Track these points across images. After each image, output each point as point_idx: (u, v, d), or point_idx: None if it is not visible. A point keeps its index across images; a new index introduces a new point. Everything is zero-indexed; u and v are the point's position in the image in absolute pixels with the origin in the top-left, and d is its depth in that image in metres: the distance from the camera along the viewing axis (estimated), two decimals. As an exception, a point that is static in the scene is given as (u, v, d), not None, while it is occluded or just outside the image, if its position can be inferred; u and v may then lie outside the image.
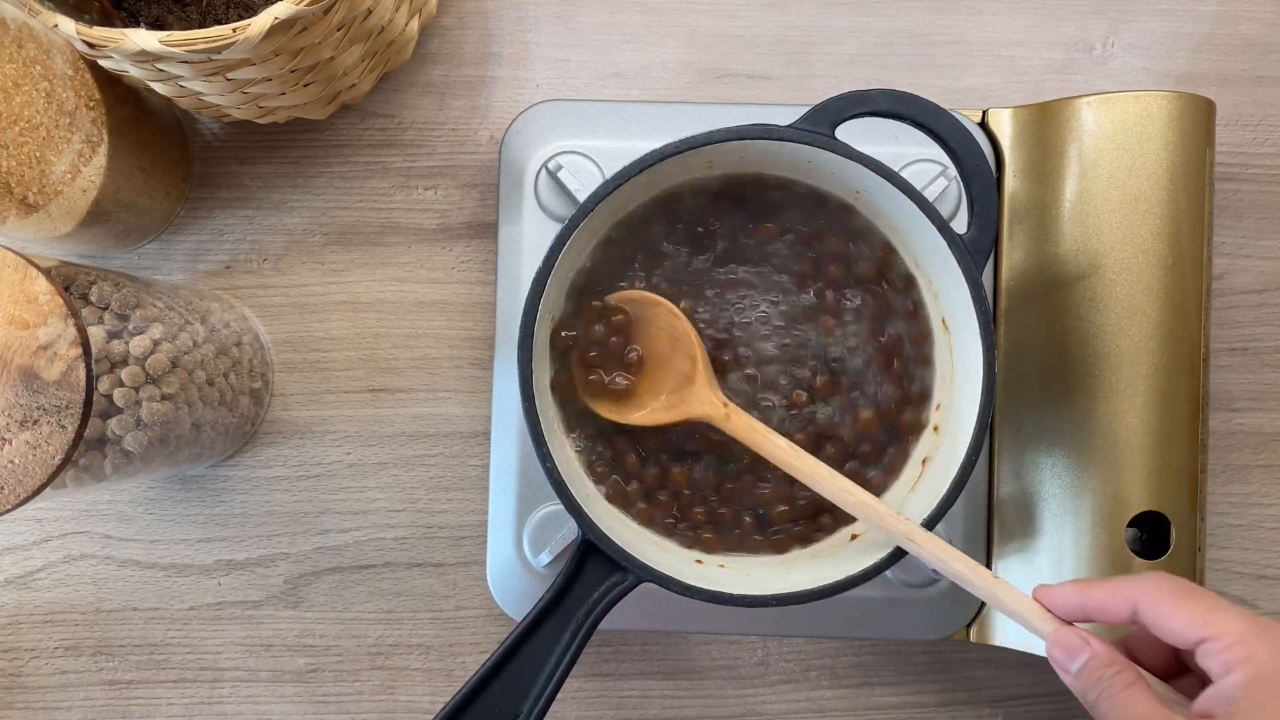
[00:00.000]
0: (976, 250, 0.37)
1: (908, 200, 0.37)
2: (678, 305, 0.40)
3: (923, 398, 0.40)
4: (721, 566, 0.39)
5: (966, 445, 0.36)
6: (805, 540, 0.40)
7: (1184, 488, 0.41)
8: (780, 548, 0.40)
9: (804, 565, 0.39)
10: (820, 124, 0.37)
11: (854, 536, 0.39)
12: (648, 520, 0.40)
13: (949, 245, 0.37)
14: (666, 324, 0.39)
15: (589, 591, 0.36)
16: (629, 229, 0.40)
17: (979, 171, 0.37)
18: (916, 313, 0.40)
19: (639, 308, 0.40)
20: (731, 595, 0.36)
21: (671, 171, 0.38)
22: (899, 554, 0.36)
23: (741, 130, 0.37)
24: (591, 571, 0.37)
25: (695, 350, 0.39)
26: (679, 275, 0.40)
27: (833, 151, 0.37)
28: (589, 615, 0.36)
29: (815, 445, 0.40)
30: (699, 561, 0.39)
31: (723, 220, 0.40)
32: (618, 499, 0.40)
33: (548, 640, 0.36)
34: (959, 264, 0.37)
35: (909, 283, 0.40)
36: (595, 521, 0.36)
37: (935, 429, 0.40)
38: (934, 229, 0.37)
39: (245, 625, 0.49)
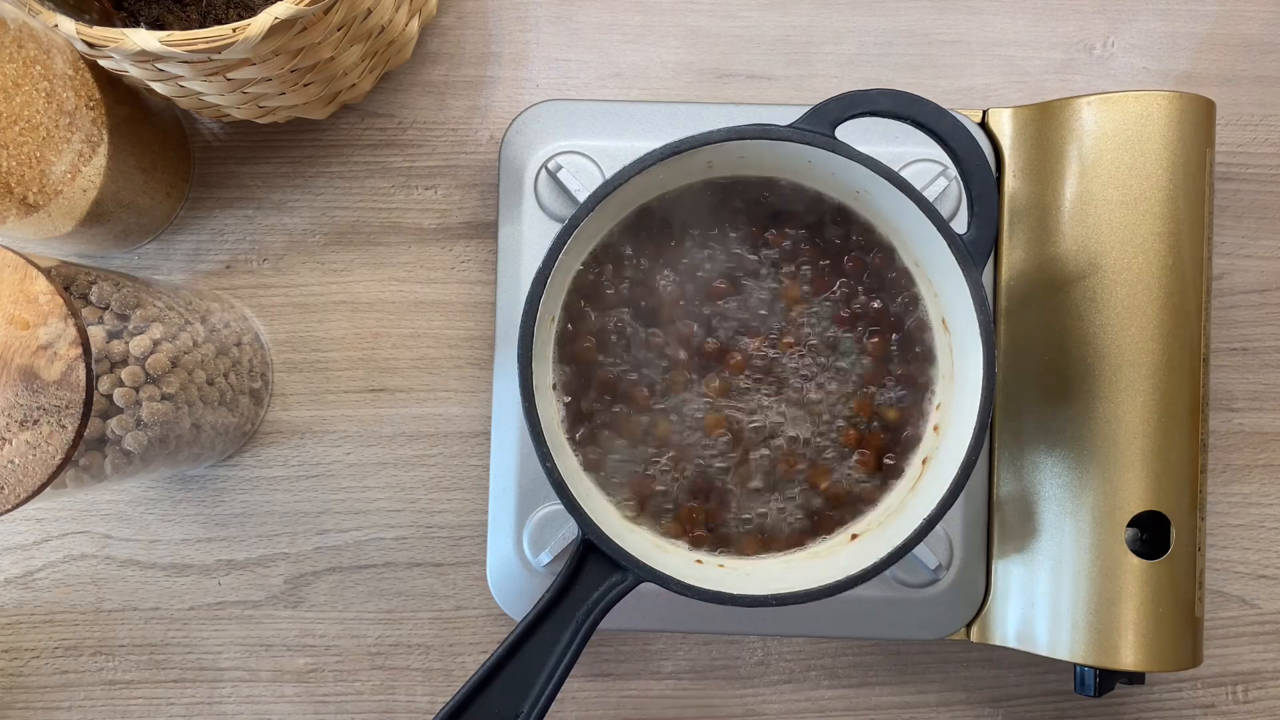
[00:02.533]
0: (976, 250, 0.37)
1: (908, 200, 0.37)
2: (678, 306, 0.40)
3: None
4: (721, 566, 0.39)
5: (966, 445, 0.36)
6: (805, 540, 0.40)
7: (1184, 487, 0.41)
8: (780, 548, 0.40)
9: (804, 565, 0.39)
10: (820, 124, 0.37)
11: (854, 536, 0.39)
12: (648, 520, 0.40)
13: (949, 245, 0.37)
14: None
15: (589, 591, 0.36)
16: (629, 230, 0.40)
17: (979, 171, 0.37)
18: (916, 313, 0.40)
19: None
20: (732, 595, 0.36)
21: (671, 172, 0.38)
22: (899, 554, 0.36)
23: (741, 130, 0.37)
24: (591, 571, 0.37)
25: None
26: (679, 275, 0.40)
27: (833, 151, 0.37)
28: (589, 615, 0.36)
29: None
30: (699, 561, 0.39)
31: (723, 221, 0.40)
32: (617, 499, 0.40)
33: (548, 640, 0.36)
34: (959, 264, 0.37)
35: (909, 283, 0.40)
36: (595, 521, 0.36)
37: (935, 429, 0.40)
38: (934, 229, 0.37)
39: (245, 625, 0.49)
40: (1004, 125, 0.45)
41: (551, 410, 0.39)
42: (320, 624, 0.49)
